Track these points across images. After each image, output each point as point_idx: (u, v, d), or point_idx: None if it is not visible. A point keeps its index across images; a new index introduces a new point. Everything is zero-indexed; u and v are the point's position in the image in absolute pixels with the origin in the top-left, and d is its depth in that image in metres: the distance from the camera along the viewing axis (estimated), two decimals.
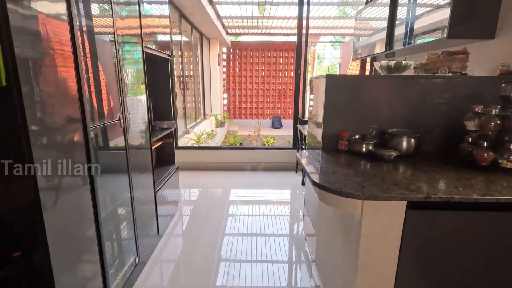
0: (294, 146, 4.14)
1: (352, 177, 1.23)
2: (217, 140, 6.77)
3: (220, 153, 4.11)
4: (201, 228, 2.52)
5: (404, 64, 1.70)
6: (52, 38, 1.03)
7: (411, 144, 1.52)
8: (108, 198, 1.44)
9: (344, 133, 1.63)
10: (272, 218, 2.71)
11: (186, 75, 6.90)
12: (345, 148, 1.64)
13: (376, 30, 3.38)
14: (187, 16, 5.45)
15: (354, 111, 1.70)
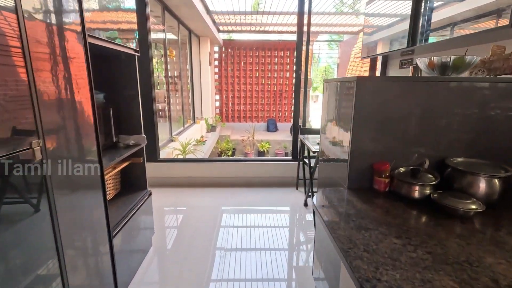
0: (294, 158, 3.59)
1: (414, 267, 0.67)
2: (207, 147, 6.18)
3: (208, 166, 3.53)
4: (180, 272, 1.94)
5: (468, 61, 1.15)
6: None
7: (494, 188, 0.97)
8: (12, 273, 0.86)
9: (384, 166, 1.08)
10: (272, 256, 2.15)
11: (172, 76, 6.30)
12: (384, 188, 1.08)
13: (391, 23, 2.85)
14: (172, 10, 4.85)
15: (395, 129, 1.15)
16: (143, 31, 3.12)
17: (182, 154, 4.10)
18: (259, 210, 2.94)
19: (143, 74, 3.24)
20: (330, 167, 1.56)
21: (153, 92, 3.35)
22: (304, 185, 3.22)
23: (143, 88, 3.37)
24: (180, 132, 5.71)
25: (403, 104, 1.16)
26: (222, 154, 7.74)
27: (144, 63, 3.21)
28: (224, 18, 6.85)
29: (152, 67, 3.31)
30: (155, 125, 3.42)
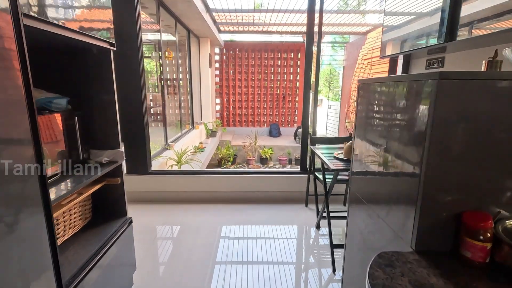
0: (303, 170, 3.18)
1: None
2: (206, 154, 5.77)
3: (206, 180, 3.12)
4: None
5: None
6: None
7: None
8: None
9: (484, 222, 0.65)
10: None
11: (171, 78, 5.92)
12: (484, 259, 0.66)
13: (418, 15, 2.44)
14: (168, 6, 4.47)
15: (504, 157, 0.74)
16: (130, 26, 2.74)
17: (177, 165, 3.70)
18: (264, 232, 2.52)
19: (133, 75, 2.86)
20: (374, 197, 1.14)
21: (143, 96, 2.95)
22: (316, 203, 2.79)
23: (133, 92, 2.98)
24: (177, 139, 5.31)
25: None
26: (222, 161, 7.33)
27: (133, 63, 2.82)
28: (225, 17, 6.48)
29: (142, 67, 2.91)
30: (145, 133, 3.01)
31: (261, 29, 7.68)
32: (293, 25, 6.99)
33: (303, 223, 2.70)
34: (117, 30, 2.82)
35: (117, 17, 2.82)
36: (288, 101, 9.45)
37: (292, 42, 9.48)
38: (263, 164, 7.70)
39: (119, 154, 1.61)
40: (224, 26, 7.44)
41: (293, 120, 9.61)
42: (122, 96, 2.91)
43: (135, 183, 3.08)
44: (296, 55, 9.12)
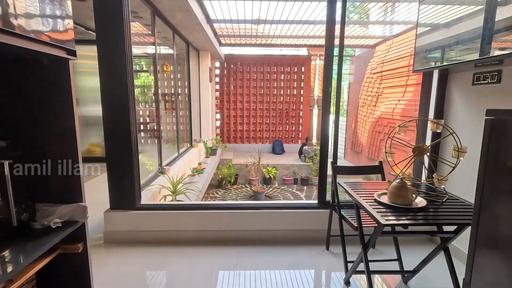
0: (322, 203, 2.65)
1: None
2: (206, 176, 5.25)
3: (205, 216, 2.59)
4: None
5: None
6: None
7: None
8: None
9: None
10: None
11: (169, 93, 5.48)
12: None
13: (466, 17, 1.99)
14: (165, 16, 4.06)
15: None
16: (116, 34, 2.28)
17: (172, 195, 3.17)
18: (274, 283, 1.97)
19: (119, 89, 2.38)
20: None
21: (131, 114, 2.46)
22: (343, 248, 2.24)
23: (118, 109, 2.50)
24: (174, 160, 4.80)
25: None
26: (223, 181, 6.80)
27: (122, 75, 2.35)
28: (227, 29, 6.11)
29: (131, 80, 2.44)
30: (133, 160, 2.50)
31: (264, 41, 7.32)
32: (297, 37, 6.62)
33: (326, 272, 2.16)
34: (101, 38, 2.37)
35: (101, 23, 2.38)
36: (291, 116, 9.01)
37: (295, 56, 9.14)
38: (266, 184, 7.17)
39: (80, 210, 1.10)
40: (225, 38, 7.07)
41: (297, 136, 9.14)
42: (107, 115, 2.43)
43: (120, 220, 2.55)
44: (300, 69, 8.76)
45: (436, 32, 2.25)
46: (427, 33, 2.34)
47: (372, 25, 6.35)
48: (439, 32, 2.22)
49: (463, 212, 1.45)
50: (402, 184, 1.49)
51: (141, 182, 3.33)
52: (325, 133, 2.59)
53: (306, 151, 7.59)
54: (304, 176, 7.27)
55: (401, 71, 5.89)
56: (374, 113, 7.20)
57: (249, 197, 6.26)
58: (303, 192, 6.71)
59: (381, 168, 2.38)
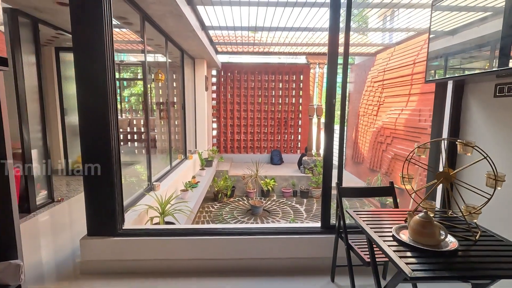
0: (326, 228, 2.38)
1: None
2: (200, 190, 4.96)
3: (196, 243, 2.30)
4: None
5: None
6: None
7: None
8: None
9: None
10: None
11: (162, 102, 5.23)
12: None
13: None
14: (155, 22, 3.84)
15: None
16: (95, 37, 2.03)
17: (160, 216, 2.88)
18: None
19: (98, 101, 2.12)
20: None
21: (112, 130, 2.19)
22: (351, 281, 1.96)
23: (97, 123, 2.24)
24: (166, 174, 4.52)
25: None
26: (219, 194, 6.50)
27: (101, 84, 2.09)
28: (223, 37, 5.91)
29: (112, 91, 2.18)
30: (115, 177, 2.23)
31: (262, 49, 7.12)
32: (296, 45, 6.43)
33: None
34: (78, 43, 2.12)
35: (77, 27, 2.13)
36: (290, 125, 8.77)
37: (294, 64, 8.96)
38: (264, 197, 6.87)
39: (12, 271, 0.82)
40: (222, 46, 6.87)
41: (296, 146, 8.88)
42: (83, 128, 2.16)
43: (99, 248, 2.26)
44: (299, 77, 8.56)
45: (452, 36, 2.02)
46: (442, 36, 2.10)
47: (372, 32, 6.17)
48: (456, 36, 1.99)
49: (505, 255, 1.19)
50: (428, 219, 1.22)
51: (126, 201, 3.04)
52: (329, 151, 2.32)
53: (306, 162, 7.32)
54: (304, 188, 6.99)
55: (403, 79, 5.68)
56: (375, 122, 6.97)
57: (246, 211, 5.96)
58: (302, 206, 6.42)
59: (392, 191, 2.12)
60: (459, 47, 1.97)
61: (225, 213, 5.84)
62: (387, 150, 6.33)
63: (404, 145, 5.60)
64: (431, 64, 2.23)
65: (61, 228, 3.25)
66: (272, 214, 5.89)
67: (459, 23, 1.96)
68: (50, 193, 3.92)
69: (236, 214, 5.79)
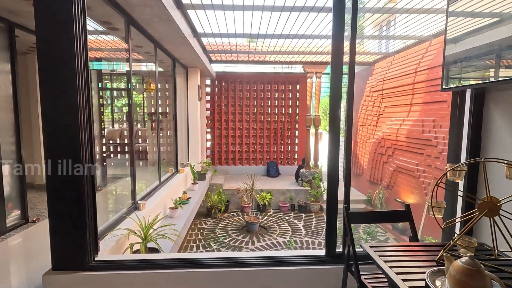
0: (332, 257, 2.06)
1: None
2: (191, 207, 4.61)
3: (181, 277, 1.97)
4: None
5: None
6: None
7: None
8: None
9: None
10: None
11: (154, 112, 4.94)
12: None
13: None
14: (142, 27, 3.58)
15: None
16: (64, 41, 1.75)
17: (142, 242, 2.53)
18: None
19: (67, 115, 1.81)
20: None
21: (84, 147, 1.88)
22: None
23: (65, 140, 1.93)
24: (154, 190, 4.18)
25: None
26: (213, 210, 6.14)
27: (71, 96, 1.79)
28: (217, 45, 5.68)
29: (84, 103, 1.88)
30: (85, 204, 1.90)
31: (257, 58, 6.91)
32: (292, 53, 6.23)
33: None
34: (42, 46, 1.82)
35: (42, 27, 1.83)
36: (287, 136, 8.50)
37: (290, 73, 8.78)
38: (261, 211, 6.52)
39: None
40: (216, 55, 6.65)
41: (293, 158, 8.60)
42: (48, 146, 1.85)
43: (66, 286, 1.91)
44: (295, 87, 8.35)
45: (474, 38, 1.77)
46: (462, 38, 1.85)
47: (369, 42, 6.00)
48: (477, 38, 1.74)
49: None
50: (475, 267, 0.93)
51: (104, 225, 2.70)
52: (334, 169, 2.03)
53: (304, 174, 7.02)
54: (302, 203, 6.66)
55: (404, 89, 5.47)
56: (375, 133, 6.73)
57: (241, 228, 5.60)
58: (301, 221, 6.08)
59: (409, 215, 1.82)
60: (483, 49, 1.72)
61: (218, 230, 5.47)
62: (388, 162, 6.07)
63: (407, 157, 5.34)
64: (449, 69, 1.97)
65: (29, 256, 2.86)
66: (269, 231, 5.54)
67: (481, 22, 1.71)
68: (24, 213, 3.55)
69: (230, 232, 5.43)
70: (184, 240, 4.86)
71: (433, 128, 4.64)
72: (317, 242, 5.04)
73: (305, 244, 4.96)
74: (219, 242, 4.93)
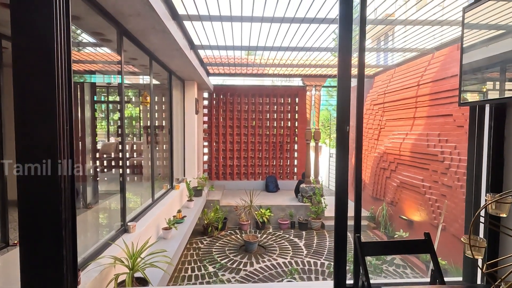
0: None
1: None
2: (186, 227, 4.35)
3: None
4: None
5: None
6: None
7: None
8: None
9: None
10: None
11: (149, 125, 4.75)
12: None
13: None
14: (137, 38, 3.44)
15: None
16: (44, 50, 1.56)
17: (129, 273, 2.28)
18: None
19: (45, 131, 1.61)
20: None
21: (64, 168, 1.67)
22: None
23: (41, 160, 1.72)
24: (146, 209, 3.93)
25: None
26: (209, 228, 5.86)
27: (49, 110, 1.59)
28: (215, 57, 5.57)
29: (65, 118, 1.67)
30: (61, 231, 1.67)
31: (256, 71, 6.80)
32: (292, 66, 6.12)
33: None
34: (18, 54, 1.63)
35: (19, 35, 1.64)
36: (286, 150, 8.31)
37: (289, 86, 8.68)
38: (259, 229, 6.24)
39: None
40: (213, 68, 6.53)
41: (293, 172, 8.38)
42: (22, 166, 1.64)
43: None
44: (294, 100, 8.23)
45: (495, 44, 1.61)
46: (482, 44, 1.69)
47: (369, 54, 5.91)
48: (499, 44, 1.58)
49: None
50: None
51: (90, 251, 2.46)
52: (343, 191, 1.83)
53: (304, 189, 6.79)
54: (302, 220, 6.40)
55: (407, 102, 5.34)
56: (377, 147, 6.56)
57: (239, 248, 5.32)
58: (302, 239, 5.80)
59: (429, 245, 1.61)
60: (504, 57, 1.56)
61: (215, 250, 5.18)
62: (392, 177, 5.86)
63: (412, 172, 5.14)
64: (467, 81, 1.81)
65: (7, 285, 2.59)
66: (268, 250, 5.26)
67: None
68: (3, 235, 3.29)
69: (228, 252, 5.15)
70: (179, 262, 4.57)
71: (439, 143, 4.47)
72: (319, 263, 4.77)
73: (307, 266, 4.68)
74: (215, 263, 4.65)
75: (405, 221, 5.26)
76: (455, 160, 4.10)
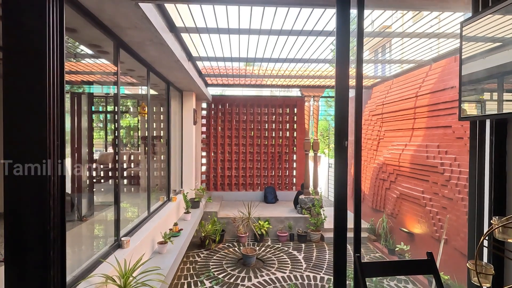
0: None
1: None
2: (183, 240, 4.25)
3: None
4: None
5: None
6: None
7: None
8: None
9: None
10: None
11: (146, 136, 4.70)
12: None
13: None
14: (134, 50, 3.43)
15: None
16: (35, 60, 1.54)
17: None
18: None
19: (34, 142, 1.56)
20: None
21: (53, 183, 1.62)
22: None
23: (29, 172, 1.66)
24: (141, 223, 3.85)
25: None
26: (207, 240, 5.75)
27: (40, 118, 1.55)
28: (213, 68, 5.57)
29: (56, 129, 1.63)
30: (48, 253, 1.61)
31: (254, 82, 6.81)
32: (290, 77, 6.13)
33: None
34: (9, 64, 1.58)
35: (9, 39, 1.60)
36: (284, 160, 8.25)
37: (288, 97, 8.70)
38: (258, 241, 6.13)
39: None
40: (211, 78, 6.54)
41: (291, 183, 8.31)
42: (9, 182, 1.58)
43: None
44: (292, 110, 8.23)
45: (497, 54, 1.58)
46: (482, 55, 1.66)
47: (367, 65, 5.93)
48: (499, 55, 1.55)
49: None
50: None
51: (81, 268, 2.37)
52: (342, 208, 1.77)
53: (303, 201, 6.71)
54: (302, 232, 6.30)
55: (405, 113, 5.33)
56: (376, 158, 6.52)
57: (237, 261, 5.20)
58: (301, 252, 5.69)
59: (432, 266, 1.55)
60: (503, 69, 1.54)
61: (212, 264, 5.07)
62: (391, 188, 5.80)
63: (411, 183, 5.09)
64: (466, 94, 1.78)
65: None
66: (267, 264, 5.15)
67: None
68: None
69: (225, 265, 5.03)
70: (174, 277, 4.45)
71: (438, 154, 4.43)
72: (319, 278, 4.65)
73: (306, 280, 4.56)
74: (213, 279, 4.53)
75: (405, 233, 5.17)
76: (455, 172, 4.05)
